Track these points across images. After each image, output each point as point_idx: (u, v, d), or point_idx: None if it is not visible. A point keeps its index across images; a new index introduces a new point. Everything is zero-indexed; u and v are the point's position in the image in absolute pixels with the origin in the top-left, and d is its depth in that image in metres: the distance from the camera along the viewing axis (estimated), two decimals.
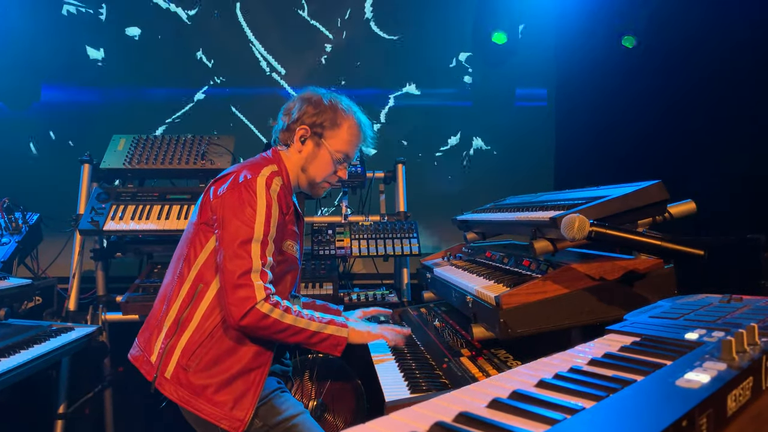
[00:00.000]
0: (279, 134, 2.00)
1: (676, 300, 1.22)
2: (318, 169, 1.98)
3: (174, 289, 1.84)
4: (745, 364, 0.71)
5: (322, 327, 1.77)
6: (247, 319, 1.67)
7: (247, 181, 1.78)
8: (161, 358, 1.78)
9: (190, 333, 1.77)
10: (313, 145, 1.95)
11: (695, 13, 3.54)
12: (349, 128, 1.97)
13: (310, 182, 2.00)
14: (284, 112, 2.00)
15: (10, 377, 1.92)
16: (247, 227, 1.72)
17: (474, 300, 1.72)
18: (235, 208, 1.74)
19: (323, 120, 1.94)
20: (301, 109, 1.94)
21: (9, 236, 2.91)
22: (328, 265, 3.08)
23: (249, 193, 1.76)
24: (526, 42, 4.63)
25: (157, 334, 1.83)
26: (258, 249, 1.71)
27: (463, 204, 3.34)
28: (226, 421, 1.73)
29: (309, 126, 1.93)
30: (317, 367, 2.89)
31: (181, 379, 1.75)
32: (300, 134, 1.94)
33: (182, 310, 1.80)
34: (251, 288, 1.67)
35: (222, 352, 1.77)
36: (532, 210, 1.89)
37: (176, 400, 1.75)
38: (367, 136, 2.04)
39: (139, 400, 3.38)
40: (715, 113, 3.45)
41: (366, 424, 0.64)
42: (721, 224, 3.09)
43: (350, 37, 4.57)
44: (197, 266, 1.82)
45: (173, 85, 4.43)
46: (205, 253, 1.82)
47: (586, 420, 0.60)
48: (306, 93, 2.00)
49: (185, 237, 1.92)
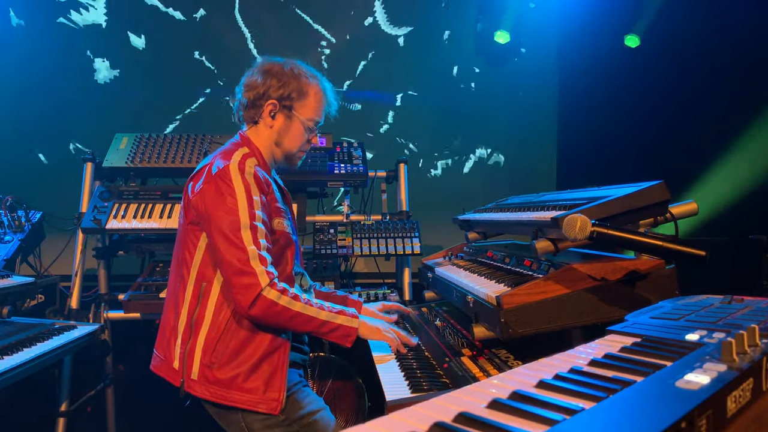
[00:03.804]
0: (243, 112, 1.95)
1: (677, 301, 1.22)
2: (292, 141, 1.95)
3: (179, 293, 1.84)
4: (746, 366, 0.71)
5: (332, 317, 1.76)
6: (256, 308, 1.66)
7: (220, 171, 1.76)
8: (183, 362, 1.78)
9: (205, 331, 1.77)
10: (284, 118, 1.92)
11: (698, 13, 3.53)
12: (315, 95, 1.95)
13: (286, 155, 1.98)
14: (246, 88, 1.92)
15: (12, 375, 1.92)
16: (231, 216, 1.70)
17: (475, 300, 1.72)
18: (215, 201, 1.73)
19: (290, 91, 1.89)
20: (265, 83, 1.88)
21: (12, 234, 2.92)
22: (330, 264, 3.08)
23: (225, 182, 1.73)
24: (528, 41, 4.63)
25: (174, 341, 1.82)
26: (249, 235, 1.70)
27: (465, 203, 3.34)
28: (263, 404, 1.74)
29: (277, 99, 1.89)
30: (318, 365, 2.89)
31: (208, 377, 1.75)
32: (269, 109, 1.90)
33: (192, 311, 1.80)
34: (253, 275, 1.66)
35: (241, 342, 1.76)
36: (533, 210, 1.89)
37: (209, 398, 1.74)
38: (331, 99, 2.01)
39: (141, 399, 3.40)
40: (716, 113, 3.44)
41: (366, 424, 0.64)
42: (723, 225, 3.09)
43: (353, 39, 4.57)
44: (195, 266, 1.81)
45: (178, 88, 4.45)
46: (199, 252, 1.81)
47: (585, 421, 0.60)
48: (264, 64, 1.93)
49: (178, 240, 1.91)
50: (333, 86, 2.04)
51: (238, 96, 1.96)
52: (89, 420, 3.16)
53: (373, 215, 3.26)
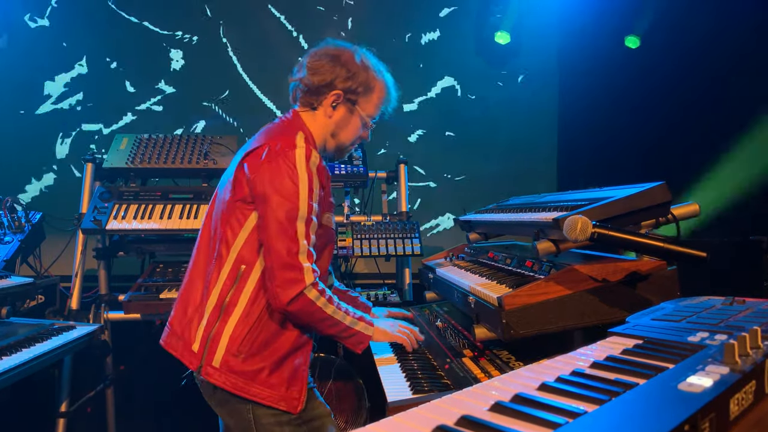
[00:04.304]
0: (302, 95, 1.82)
1: (678, 302, 1.21)
2: (348, 134, 1.86)
3: (213, 271, 1.71)
4: (748, 368, 0.71)
5: (354, 323, 1.73)
6: (295, 305, 1.60)
7: (285, 153, 1.64)
8: (205, 347, 1.67)
9: (237, 318, 1.67)
10: (345, 111, 1.82)
11: (699, 14, 3.53)
12: (380, 91, 1.86)
13: (338, 146, 1.89)
14: (310, 71, 1.79)
15: (12, 375, 1.92)
16: (290, 203, 1.61)
17: (476, 301, 1.71)
18: (275, 183, 1.62)
19: (357, 85, 1.79)
20: (334, 71, 1.77)
21: (12, 235, 2.91)
22: (330, 264, 3.08)
23: (288, 166, 1.63)
24: (529, 42, 4.62)
25: (198, 321, 1.70)
26: (303, 228, 1.62)
27: (466, 204, 3.34)
28: (284, 402, 1.68)
29: (343, 91, 1.78)
30: (319, 366, 2.89)
31: (232, 367, 1.66)
32: (332, 100, 1.79)
33: (225, 294, 1.68)
34: (300, 270, 1.60)
35: (271, 334, 1.69)
36: (534, 211, 1.89)
37: (229, 388, 1.65)
38: (393, 97, 1.92)
39: (141, 399, 3.40)
40: (718, 113, 3.44)
41: (367, 427, 0.64)
42: (724, 226, 3.08)
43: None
44: (237, 246, 1.69)
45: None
46: (245, 232, 1.69)
47: (588, 424, 0.60)
48: (333, 48, 1.82)
49: (218, 216, 1.76)
50: (395, 82, 1.95)
51: (299, 75, 1.83)
52: (89, 420, 3.16)
53: (373, 216, 3.26)
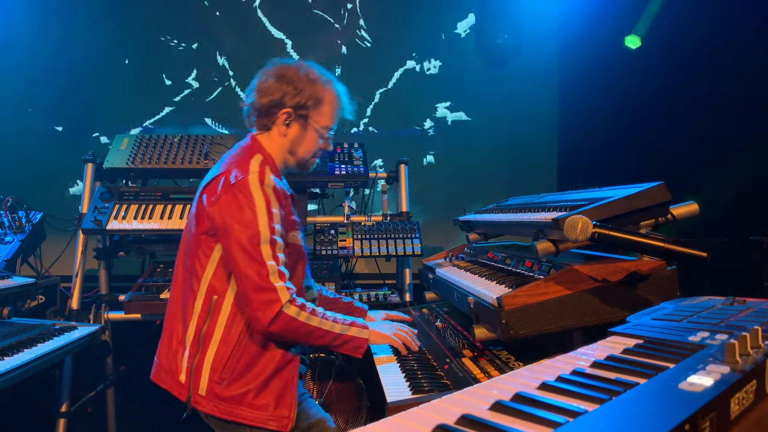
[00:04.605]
0: (255, 118, 1.86)
1: (679, 302, 1.21)
2: (307, 149, 1.89)
3: (188, 304, 1.77)
4: (749, 368, 0.71)
5: (345, 329, 1.74)
6: (276, 324, 1.63)
7: (239, 182, 1.69)
8: (191, 377, 1.72)
9: (215, 346, 1.71)
10: (299, 127, 1.85)
11: (700, 14, 3.53)
12: (331, 102, 1.88)
13: (299, 162, 1.92)
14: (258, 93, 1.83)
15: (13, 376, 1.92)
16: (251, 230, 1.65)
17: (476, 301, 1.71)
18: (234, 213, 1.66)
19: (306, 99, 1.81)
20: (280, 89, 1.80)
21: (12, 235, 2.92)
22: (331, 265, 3.08)
23: (244, 194, 1.67)
24: (529, 43, 4.62)
25: (182, 353, 1.76)
26: (268, 250, 1.65)
27: (466, 204, 3.34)
28: (274, 421, 1.70)
29: (293, 108, 1.82)
30: (319, 367, 2.89)
31: (217, 393, 1.70)
32: (283, 118, 1.83)
33: (201, 325, 1.73)
34: (273, 290, 1.63)
35: (252, 357, 1.72)
36: (534, 211, 1.89)
37: (217, 414, 1.70)
38: (345, 104, 1.94)
39: (142, 399, 3.39)
40: (718, 114, 3.44)
41: (367, 427, 0.64)
42: (725, 226, 3.08)
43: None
44: (206, 279, 1.75)
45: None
46: (212, 264, 1.75)
47: (588, 423, 0.60)
48: (277, 68, 1.84)
49: (188, 249, 1.82)
50: (346, 89, 1.97)
51: (249, 100, 1.87)
52: (90, 421, 3.16)
53: (373, 216, 3.26)
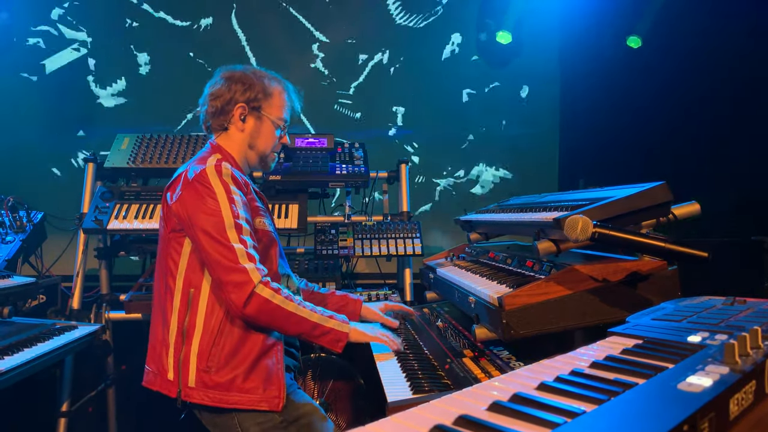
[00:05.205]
0: (212, 121, 1.96)
1: (679, 302, 1.21)
2: (265, 142, 1.98)
3: (167, 304, 1.81)
4: (748, 368, 0.71)
5: (323, 320, 1.75)
6: (251, 306, 1.65)
7: (197, 175, 1.76)
8: (179, 371, 1.75)
9: (199, 337, 1.75)
10: (254, 120, 1.95)
11: (701, 14, 3.52)
12: (280, 94, 2.00)
13: (260, 156, 2.00)
14: (211, 97, 1.94)
15: (13, 375, 1.92)
16: (214, 218, 1.70)
17: (477, 301, 1.71)
18: (196, 204, 1.73)
19: (256, 93, 1.93)
20: (231, 89, 1.92)
21: (13, 235, 2.92)
22: (331, 264, 3.08)
23: (203, 185, 1.74)
24: (530, 42, 4.62)
25: (166, 352, 1.79)
26: (234, 234, 1.70)
27: (467, 204, 3.34)
28: (265, 402, 1.74)
29: (245, 103, 1.92)
30: (320, 366, 2.89)
31: (206, 382, 1.73)
32: (239, 113, 1.92)
33: (182, 320, 1.78)
34: (244, 272, 1.66)
35: (236, 343, 1.76)
36: (535, 211, 1.89)
37: (208, 403, 1.72)
38: (294, 98, 2.06)
39: (142, 399, 3.39)
40: (719, 114, 3.44)
41: (366, 427, 0.64)
42: (725, 226, 3.08)
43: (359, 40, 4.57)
44: (181, 274, 1.79)
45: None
46: (184, 259, 1.80)
47: (586, 424, 0.60)
48: (225, 73, 1.96)
49: (161, 252, 1.89)
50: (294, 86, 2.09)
51: (203, 108, 1.97)
52: (90, 420, 3.16)
53: (374, 216, 3.26)
